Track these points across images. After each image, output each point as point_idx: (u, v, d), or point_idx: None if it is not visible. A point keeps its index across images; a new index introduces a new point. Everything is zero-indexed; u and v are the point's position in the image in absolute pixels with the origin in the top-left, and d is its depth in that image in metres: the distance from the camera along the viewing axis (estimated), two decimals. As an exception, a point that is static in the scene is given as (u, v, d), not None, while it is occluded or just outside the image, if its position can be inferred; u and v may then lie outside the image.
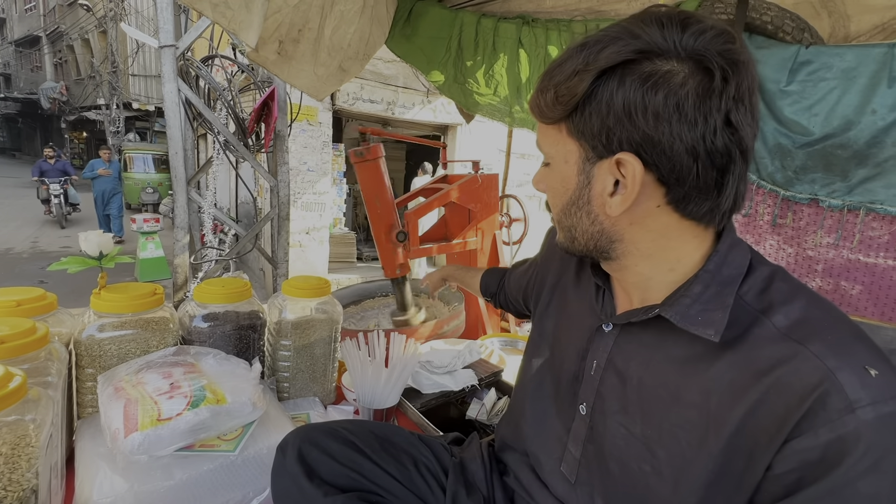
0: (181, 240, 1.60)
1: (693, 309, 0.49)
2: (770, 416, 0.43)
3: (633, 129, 0.45)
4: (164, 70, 1.51)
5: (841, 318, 0.46)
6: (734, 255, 0.51)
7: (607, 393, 0.56)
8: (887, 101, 1.05)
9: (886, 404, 0.39)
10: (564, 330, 0.67)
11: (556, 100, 0.49)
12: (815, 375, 0.41)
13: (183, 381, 0.76)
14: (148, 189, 10.59)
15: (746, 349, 0.46)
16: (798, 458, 0.41)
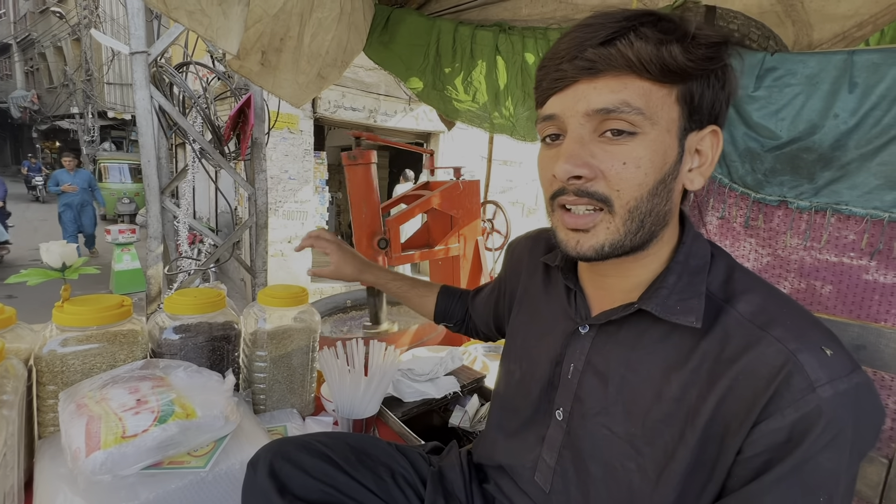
0: (154, 250, 1.56)
1: (671, 299, 0.49)
2: (740, 402, 0.44)
3: (726, 104, 0.48)
4: (136, 77, 1.47)
5: (794, 306, 0.49)
6: (697, 246, 0.53)
7: (586, 395, 0.55)
8: (848, 105, 1.09)
9: (842, 381, 0.41)
10: (535, 339, 0.65)
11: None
12: (778, 358, 0.43)
13: (150, 395, 0.73)
14: (124, 199, 10.34)
15: (718, 338, 0.47)
16: (767, 441, 0.43)
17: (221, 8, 1.05)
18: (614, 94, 0.44)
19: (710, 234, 1.38)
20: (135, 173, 10.99)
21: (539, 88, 0.50)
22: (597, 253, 0.48)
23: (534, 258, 0.71)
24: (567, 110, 0.47)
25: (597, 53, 0.44)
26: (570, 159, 0.46)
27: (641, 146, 0.45)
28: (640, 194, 0.46)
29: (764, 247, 1.28)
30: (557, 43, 0.48)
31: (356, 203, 1.65)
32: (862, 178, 1.09)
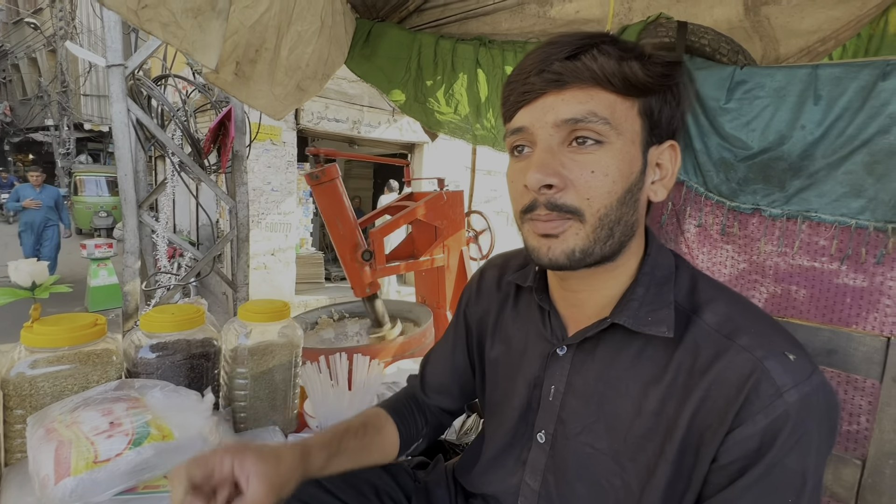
0: (131, 265, 1.52)
1: (642, 311, 0.50)
2: (713, 411, 0.46)
3: (682, 121, 0.51)
4: (112, 90, 1.45)
5: (756, 311, 0.51)
6: (662, 256, 0.54)
7: (569, 416, 0.55)
8: (814, 117, 1.13)
9: (805, 385, 0.43)
10: (511, 366, 0.64)
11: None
12: (746, 366, 0.45)
13: (125, 417, 0.71)
14: (101, 213, 10.10)
15: (690, 350, 0.48)
16: (740, 448, 0.44)
17: (197, 21, 1.05)
18: (582, 105, 0.46)
19: (688, 242, 1.41)
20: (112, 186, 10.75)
21: (507, 103, 0.51)
22: (568, 258, 0.48)
23: (503, 285, 0.70)
24: (536, 122, 0.48)
25: (563, 66, 0.46)
26: (542, 168, 0.47)
27: (608, 155, 0.47)
28: (610, 202, 0.47)
29: (740, 253, 1.32)
30: (524, 60, 0.49)
31: (330, 220, 1.65)
32: (829, 187, 1.13)
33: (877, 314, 1.09)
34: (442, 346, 0.79)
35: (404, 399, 0.76)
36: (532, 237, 0.51)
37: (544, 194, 0.47)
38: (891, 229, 1.05)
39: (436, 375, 0.77)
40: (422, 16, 1.72)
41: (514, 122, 0.50)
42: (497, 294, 0.69)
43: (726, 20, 1.52)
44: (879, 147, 1.05)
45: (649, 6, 1.51)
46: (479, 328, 0.71)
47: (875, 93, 1.05)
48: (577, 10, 1.56)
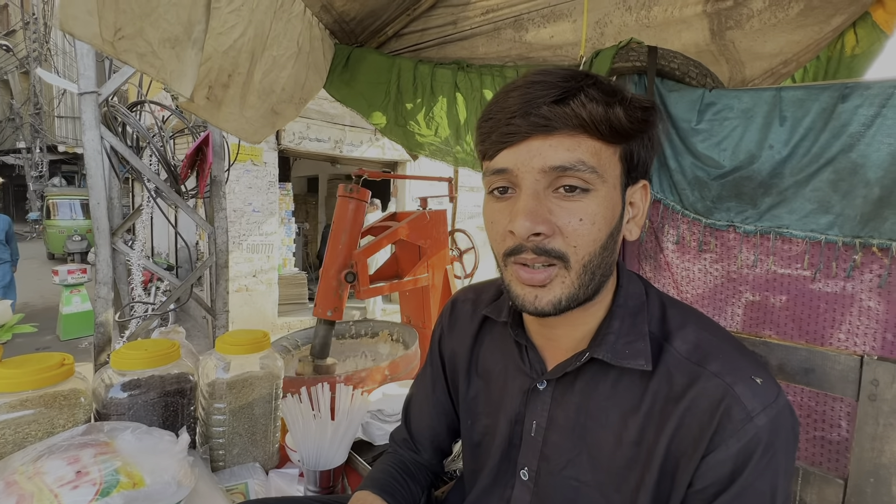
0: (104, 296, 1.47)
1: (619, 344, 0.51)
2: (688, 437, 0.46)
3: (652, 160, 0.52)
4: (85, 117, 1.42)
5: (722, 335, 0.52)
6: (632, 286, 0.55)
7: (552, 452, 0.55)
8: (781, 137, 1.18)
9: (772, 407, 0.45)
10: (491, 402, 0.63)
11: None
12: (717, 392, 0.46)
13: (92, 465, 0.67)
14: (75, 237, 9.82)
15: (664, 378, 0.49)
16: (714, 473, 0.45)
17: (175, 51, 1.04)
18: (570, 153, 0.45)
19: (667, 259, 1.43)
20: (87, 209, 10.48)
21: (487, 141, 0.50)
22: (555, 308, 0.48)
23: (476, 318, 0.68)
24: (522, 165, 0.47)
25: (551, 111, 0.45)
26: (530, 216, 0.46)
27: (595, 202, 0.47)
28: (595, 249, 0.48)
29: (717, 268, 1.35)
30: (505, 96, 0.48)
31: (337, 234, 1.68)
32: (798, 203, 1.17)
33: (850, 326, 1.11)
34: (422, 389, 0.76)
35: (393, 471, 0.71)
36: (517, 284, 0.50)
37: (532, 241, 0.47)
38: (858, 244, 1.08)
39: (423, 426, 0.75)
40: (400, 41, 1.75)
41: (495, 163, 0.49)
42: (470, 327, 0.68)
43: (694, 44, 1.58)
44: (843, 165, 1.10)
45: (620, 31, 1.56)
46: (454, 363, 0.70)
47: (836, 114, 1.10)
48: (551, 35, 1.60)
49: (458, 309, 0.73)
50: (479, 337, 0.67)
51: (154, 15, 1.00)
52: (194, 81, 1.01)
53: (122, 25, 0.94)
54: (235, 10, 1.08)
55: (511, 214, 0.48)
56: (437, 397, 0.73)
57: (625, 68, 1.37)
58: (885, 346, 1.06)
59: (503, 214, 0.49)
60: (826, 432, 1.10)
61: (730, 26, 1.53)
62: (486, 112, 0.50)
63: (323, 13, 1.50)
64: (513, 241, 0.48)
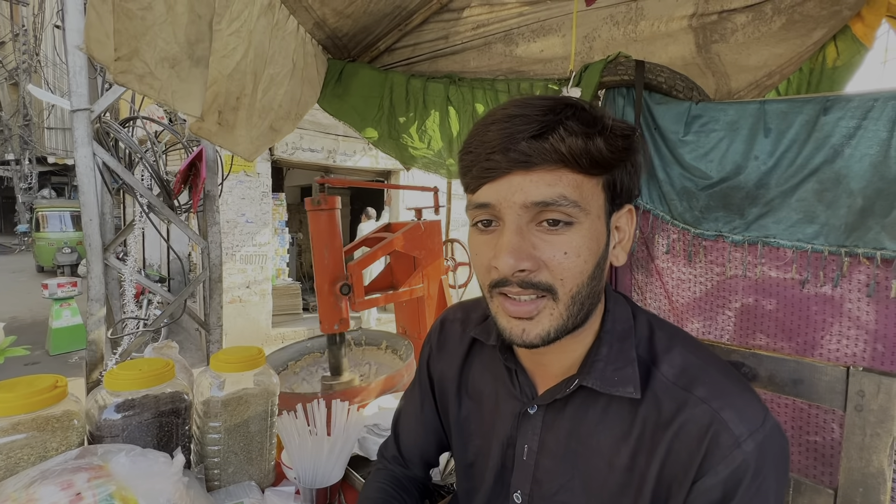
0: (96, 313, 1.46)
1: (607, 371, 0.51)
2: (678, 464, 0.47)
3: (637, 183, 0.52)
4: (77, 135, 1.42)
5: (708, 358, 0.52)
6: (619, 310, 0.55)
7: (544, 476, 0.55)
8: (766, 148, 1.21)
9: (759, 431, 0.45)
10: (483, 424, 0.63)
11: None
12: (705, 418, 0.46)
13: (86, 490, 0.67)
14: (65, 249, 9.71)
15: (653, 403, 0.50)
16: (705, 498, 0.45)
17: (175, 71, 1.05)
18: (551, 188, 0.45)
19: (657, 268, 1.45)
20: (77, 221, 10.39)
21: (468, 175, 0.49)
22: (543, 340, 0.48)
23: (465, 339, 0.68)
24: (503, 201, 0.46)
25: (530, 147, 0.44)
26: (514, 253, 0.45)
27: (579, 235, 0.46)
28: (582, 281, 0.47)
29: (707, 277, 1.37)
30: (484, 130, 0.47)
31: (318, 249, 1.63)
32: (784, 213, 1.19)
33: (839, 334, 1.13)
34: (410, 407, 0.76)
35: (388, 488, 0.71)
36: (503, 317, 0.50)
37: (518, 276, 0.47)
38: (843, 253, 1.11)
39: (413, 443, 0.75)
40: (392, 55, 1.77)
41: (477, 197, 0.49)
42: (460, 347, 0.68)
43: (681, 57, 1.62)
44: (827, 176, 1.12)
45: (608, 46, 1.59)
46: (444, 383, 0.70)
47: (818, 126, 1.13)
48: (541, 49, 1.63)
49: (446, 329, 0.73)
50: (468, 358, 0.67)
51: (149, 34, 1.01)
52: (202, 100, 1.01)
53: (117, 46, 0.94)
54: (235, 32, 1.09)
55: (495, 249, 0.47)
56: (425, 416, 0.73)
57: (613, 82, 1.40)
58: (876, 355, 1.08)
59: (488, 247, 0.49)
60: (816, 443, 1.11)
61: (715, 40, 1.57)
62: (467, 144, 0.49)
63: (316, 30, 1.52)
64: (498, 274, 0.48)
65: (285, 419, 0.99)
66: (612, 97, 1.44)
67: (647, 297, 1.48)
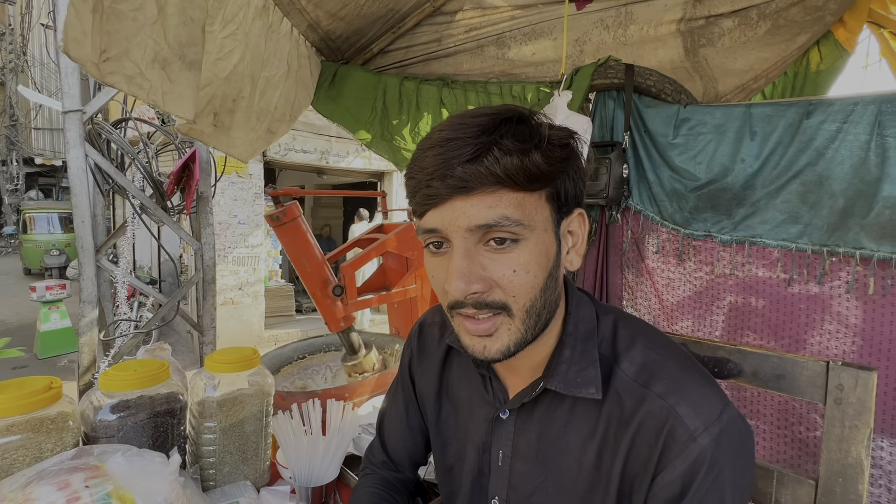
0: (88, 315, 1.45)
1: (570, 372, 0.52)
2: (639, 460, 0.48)
3: (583, 186, 0.52)
4: (69, 136, 1.41)
5: (669, 353, 0.52)
6: (583, 310, 0.56)
7: (519, 481, 0.56)
8: (752, 151, 1.24)
9: (715, 425, 0.46)
10: (459, 429, 0.64)
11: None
12: (662, 414, 0.47)
13: (83, 490, 0.67)
14: (53, 251, 9.58)
15: (615, 402, 0.51)
16: (664, 493, 0.46)
17: (165, 72, 1.05)
18: (491, 210, 0.45)
19: (648, 268, 1.48)
20: (65, 223, 10.24)
21: (413, 201, 0.49)
22: (503, 354, 0.49)
23: (443, 345, 0.69)
24: (448, 225, 0.46)
25: (465, 171, 0.44)
26: (463, 277, 0.46)
27: (526, 251, 0.47)
28: (534, 295, 0.48)
29: (697, 276, 1.39)
30: (422, 156, 0.47)
31: (297, 260, 1.62)
32: (770, 214, 1.22)
33: (823, 330, 1.17)
34: (395, 410, 0.77)
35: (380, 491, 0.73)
36: (465, 335, 0.50)
37: (471, 298, 0.47)
38: (826, 252, 1.14)
39: (400, 447, 0.76)
40: (385, 57, 1.78)
41: (424, 223, 0.49)
42: (438, 352, 0.69)
43: (669, 61, 1.65)
44: (810, 178, 1.16)
45: (599, 49, 1.62)
46: (425, 387, 0.71)
47: (802, 129, 1.16)
48: (532, 52, 1.65)
49: (425, 333, 0.73)
50: (447, 362, 0.68)
51: (140, 35, 1.01)
52: (194, 103, 1.01)
53: (106, 47, 0.94)
54: (231, 34, 1.09)
55: (447, 272, 0.47)
56: (410, 419, 0.74)
57: (603, 85, 1.42)
58: (856, 349, 1.12)
59: (441, 269, 0.49)
60: (796, 434, 1.15)
61: (702, 44, 1.60)
62: (409, 170, 0.50)
63: (310, 32, 1.53)
64: (452, 297, 0.48)
65: (280, 419, 1.00)
66: (602, 100, 1.46)
67: (637, 297, 1.51)
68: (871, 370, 0.62)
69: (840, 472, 0.65)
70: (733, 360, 0.76)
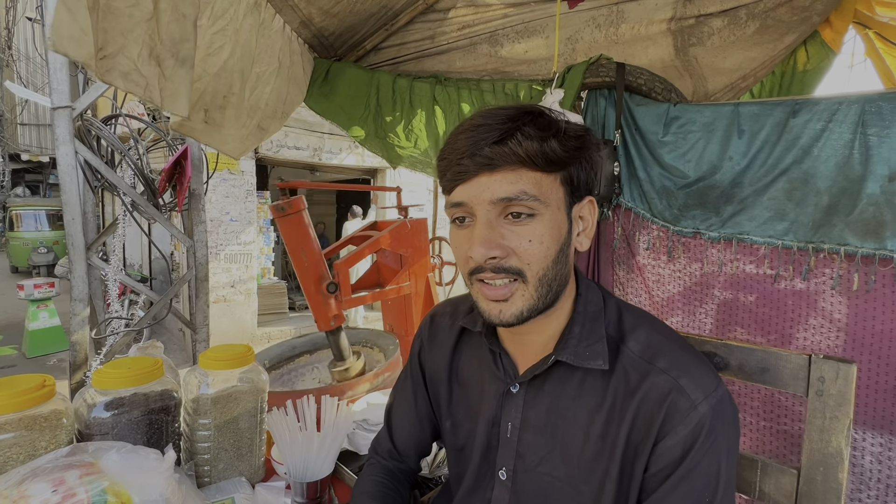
0: (79, 313, 1.44)
1: (580, 347, 0.56)
2: (643, 427, 0.52)
3: (595, 177, 0.58)
4: (58, 132, 1.40)
5: (670, 335, 0.58)
6: (591, 294, 0.61)
7: (526, 450, 0.59)
8: (740, 149, 1.26)
9: (713, 395, 0.51)
10: (470, 408, 0.68)
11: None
12: (666, 385, 0.52)
13: (79, 486, 0.67)
14: (41, 249, 9.44)
15: (621, 376, 0.55)
16: (666, 457, 0.51)
17: (160, 69, 1.04)
18: (512, 185, 0.52)
19: (639, 264, 1.50)
20: (53, 220, 10.09)
21: (444, 178, 0.56)
22: (517, 319, 0.54)
23: (454, 330, 0.74)
24: (474, 199, 0.53)
25: (493, 151, 0.51)
26: (485, 243, 0.52)
27: (541, 225, 0.53)
28: (547, 264, 0.54)
29: (686, 272, 1.42)
30: (455, 139, 0.54)
31: (295, 252, 1.62)
32: (757, 211, 1.25)
33: (808, 325, 1.19)
34: (403, 400, 0.80)
35: (384, 480, 0.75)
36: (483, 300, 0.56)
37: (490, 263, 0.53)
38: (811, 249, 1.17)
39: (408, 436, 0.78)
40: (379, 54, 1.78)
41: (453, 197, 0.55)
42: (449, 338, 0.73)
43: (660, 59, 1.66)
44: (796, 175, 1.18)
45: (591, 48, 1.63)
46: (436, 374, 0.74)
47: (788, 128, 1.18)
48: (525, 50, 1.66)
49: (436, 322, 0.77)
50: (457, 347, 0.72)
51: (136, 31, 1.01)
52: (188, 100, 1.01)
53: (103, 44, 0.94)
54: (221, 30, 1.09)
55: (470, 241, 0.54)
56: (419, 408, 0.77)
57: (595, 83, 1.44)
58: (841, 343, 1.14)
59: (464, 240, 0.55)
60: (782, 426, 1.17)
61: (692, 43, 1.62)
62: (442, 152, 0.56)
63: (302, 28, 1.52)
64: (473, 262, 0.54)
65: (275, 415, 1.00)
66: (594, 98, 1.48)
67: (628, 293, 1.53)
68: (851, 363, 0.64)
69: (821, 462, 0.67)
70: (720, 354, 0.78)
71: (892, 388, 1.09)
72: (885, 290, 1.08)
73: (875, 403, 1.11)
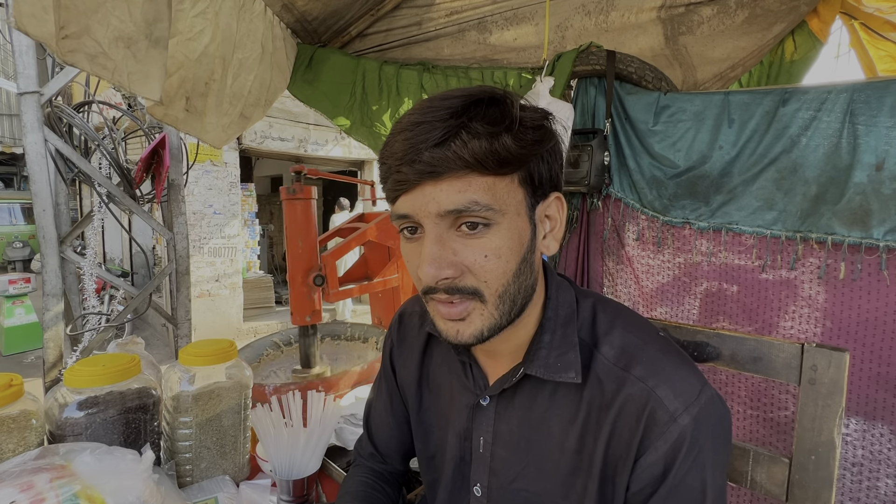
0: (52, 309, 1.38)
1: (550, 357, 0.52)
2: (621, 443, 0.48)
3: (561, 169, 0.50)
4: (26, 119, 1.33)
5: (647, 337, 0.53)
6: (562, 295, 0.55)
7: (500, 466, 0.56)
8: (730, 138, 1.25)
9: (694, 405, 0.47)
10: (441, 416, 0.64)
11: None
12: (642, 397, 0.47)
13: (48, 491, 0.64)
14: (16, 243, 9.15)
15: (595, 386, 0.51)
16: (648, 475, 0.47)
17: (130, 51, 0.99)
18: (461, 195, 0.43)
19: (628, 254, 1.49)
20: (28, 214, 9.78)
21: (385, 186, 0.48)
22: (477, 339, 0.48)
23: (423, 334, 0.69)
24: (419, 211, 0.45)
25: (433, 156, 0.42)
26: (434, 263, 0.45)
27: (498, 236, 0.46)
28: (506, 280, 0.47)
29: (675, 262, 1.42)
30: (392, 141, 0.46)
31: (292, 238, 1.61)
32: (746, 201, 1.24)
33: (795, 314, 1.20)
34: (380, 402, 0.76)
35: (370, 481, 0.72)
36: (439, 319, 0.50)
37: (443, 284, 0.46)
38: (799, 238, 1.17)
39: (388, 438, 0.75)
40: (364, 41, 1.73)
41: (396, 208, 0.48)
42: (418, 342, 0.69)
43: (650, 48, 1.65)
44: (784, 165, 1.18)
45: (581, 35, 1.61)
46: (406, 378, 0.70)
47: (777, 117, 1.18)
48: (514, 37, 1.63)
49: (405, 323, 0.73)
50: (427, 351, 0.68)
51: (102, 11, 0.95)
52: (162, 83, 0.96)
53: (65, 23, 0.88)
54: (201, 13, 1.04)
55: (419, 258, 0.47)
56: (395, 410, 0.73)
57: (585, 71, 1.42)
58: (825, 331, 1.15)
59: (415, 255, 0.48)
60: (774, 415, 1.18)
61: (682, 32, 1.61)
62: (380, 155, 0.48)
63: (284, 12, 1.47)
64: (425, 282, 0.47)
65: (259, 411, 0.97)
66: (584, 87, 1.46)
67: (617, 284, 1.53)
68: (844, 351, 0.64)
69: (813, 450, 0.66)
70: (712, 344, 0.77)
71: (875, 375, 1.10)
72: (870, 278, 1.09)
73: (858, 390, 1.12)
